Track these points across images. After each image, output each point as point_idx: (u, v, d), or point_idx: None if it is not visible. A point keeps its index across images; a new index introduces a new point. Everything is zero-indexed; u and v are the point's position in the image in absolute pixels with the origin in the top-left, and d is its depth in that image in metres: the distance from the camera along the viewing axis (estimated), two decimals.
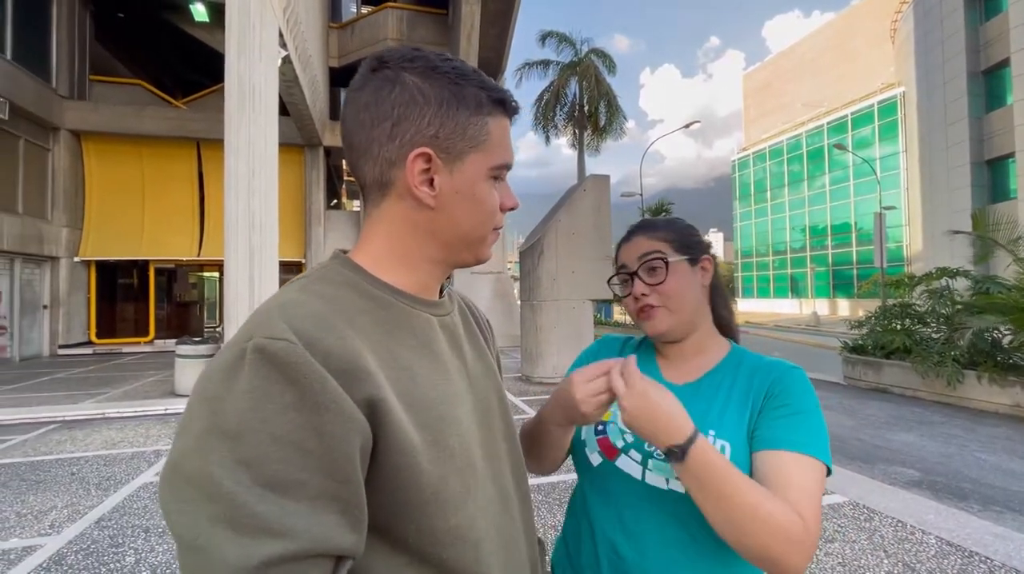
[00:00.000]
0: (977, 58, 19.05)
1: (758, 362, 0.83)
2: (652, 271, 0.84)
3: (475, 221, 0.57)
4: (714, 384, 0.82)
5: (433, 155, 0.53)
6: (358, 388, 0.44)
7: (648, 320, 0.84)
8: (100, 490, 3.61)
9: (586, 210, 8.04)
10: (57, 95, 11.68)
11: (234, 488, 0.38)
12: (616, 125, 20.09)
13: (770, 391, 0.77)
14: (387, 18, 13.40)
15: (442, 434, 0.50)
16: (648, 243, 0.85)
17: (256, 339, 0.42)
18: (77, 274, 12.39)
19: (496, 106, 0.56)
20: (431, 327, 0.57)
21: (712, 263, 0.88)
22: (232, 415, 0.40)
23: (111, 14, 13.16)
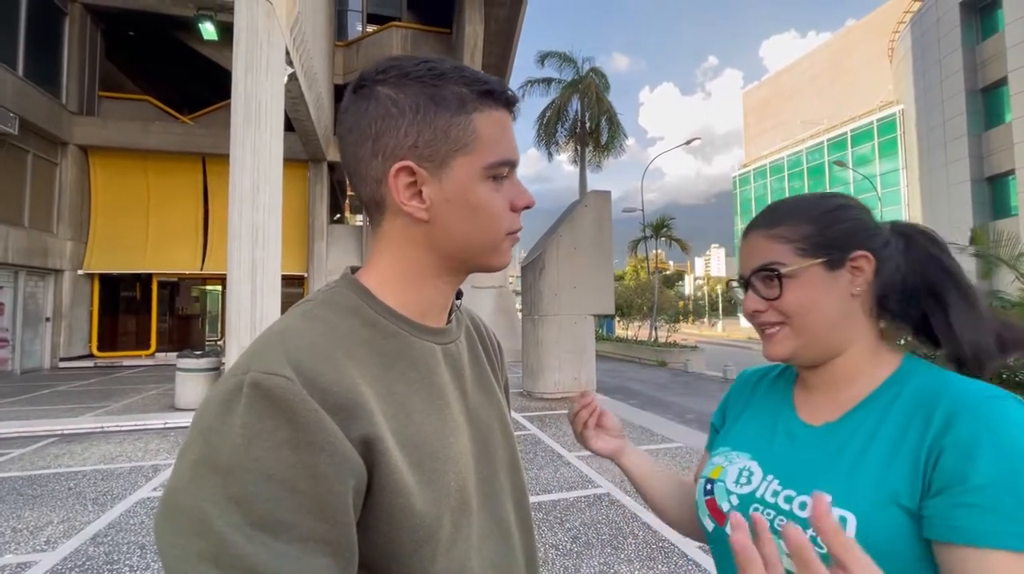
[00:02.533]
0: (975, 76, 19.25)
1: (932, 385, 0.57)
2: (767, 284, 0.64)
3: (476, 228, 0.53)
4: (853, 425, 0.60)
5: (415, 167, 0.50)
6: (355, 426, 0.43)
7: (767, 341, 0.66)
8: (97, 505, 3.58)
9: (587, 225, 8.08)
10: (67, 111, 11.88)
11: (223, 527, 0.37)
12: (617, 142, 20.29)
13: (942, 442, 0.51)
14: (392, 37, 13.66)
15: (436, 473, 0.49)
16: (764, 244, 0.65)
17: (252, 373, 0.41)
18: (80, 287, 12.45)
19: (483, 99, 0.52)
20: (433, 357, 0.55)
21: (872, 260, 0.62)
22: (225, 450, 0.39)
23: (122, 32, 13.45)
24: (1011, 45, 17.26)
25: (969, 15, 19.35)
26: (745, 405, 0.77)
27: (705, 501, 0.69)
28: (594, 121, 19.97)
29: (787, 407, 0.69)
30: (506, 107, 0.54)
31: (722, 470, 0.69)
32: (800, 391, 0.70)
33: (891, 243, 0.64)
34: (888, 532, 0.51)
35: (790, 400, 0.70)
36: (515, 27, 12.76)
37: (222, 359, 6.87)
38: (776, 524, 0.58)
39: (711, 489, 0.68)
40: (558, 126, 20.30)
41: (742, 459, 0.68)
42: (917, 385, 0.58)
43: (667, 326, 18.15)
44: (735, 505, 0.64)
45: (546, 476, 4.24)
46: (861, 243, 0.62)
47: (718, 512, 0.67)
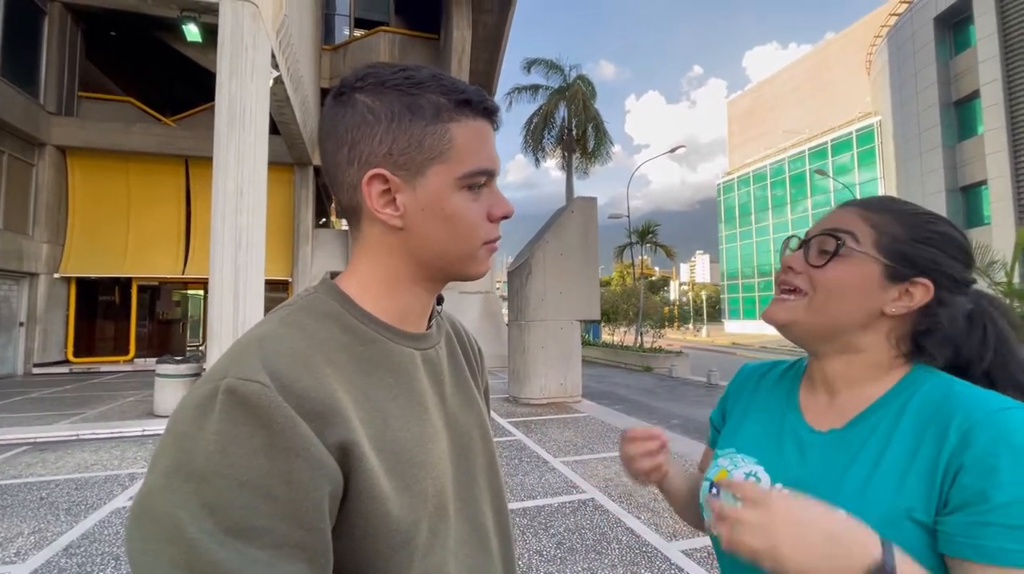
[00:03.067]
0: (949, 89, 19.85)
1: (942, 394, 0.55)
2: (822, 252, 0.62)
3: (452, 237, 0.53)
4: (864, 432, 0.58)
5: (388, 175, 0.50)
6: (331, 432, 0.43)
7: (773, 304, 0.65)
8: (70, 516, 3.48)
9: (574, 231, 8.13)
10: (44, 111, 11.63)
11: (196, 534, 0.37)
12: (603, 149, 20.48)
13: (961, 459, 0.50)
14: (379, 42, 13.64)
15: (414, 479, 0.49)
16: (853, 216, 0.62)
17: (229, 379, 0.41)
18: (56, 291, 12.14)
19: (460, 109, 0.52)
20: (412, 363, 0.55)
21: (930, 293, 0.58)
22: (199, 456, 0.39)
23: (103, 32, 13.22)
24: (982, 60, 17.85)
25: (943, 30, 19.98)
26: (749, 403, 0.75)
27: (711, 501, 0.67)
28: (581, 128, 20.14)
29: (793, 409, 0.67)
30: (485, 117, 0.54)
31: (727, 474, 0.67)
32: (806, 391, 0.68)
33: (962, 299, 0.61)
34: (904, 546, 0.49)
35: (796, 401, 0.68)
36: (503, 33, 12.84)
37: (203, 365, 6.75)
38: None
39: (716, 493, 0.67)
40: (545, 132, 20.43)
41: (748, 463, 0.67)
42: (926, 395, 0.57)
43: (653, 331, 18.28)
44: None
45: (531, 482, 4.23)
46: (932, 275, 0.58)
47: None
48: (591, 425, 6.42)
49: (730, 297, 42.83)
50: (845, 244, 0.60)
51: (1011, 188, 16.92)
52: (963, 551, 0.48)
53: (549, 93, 20.26)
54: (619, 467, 4.67)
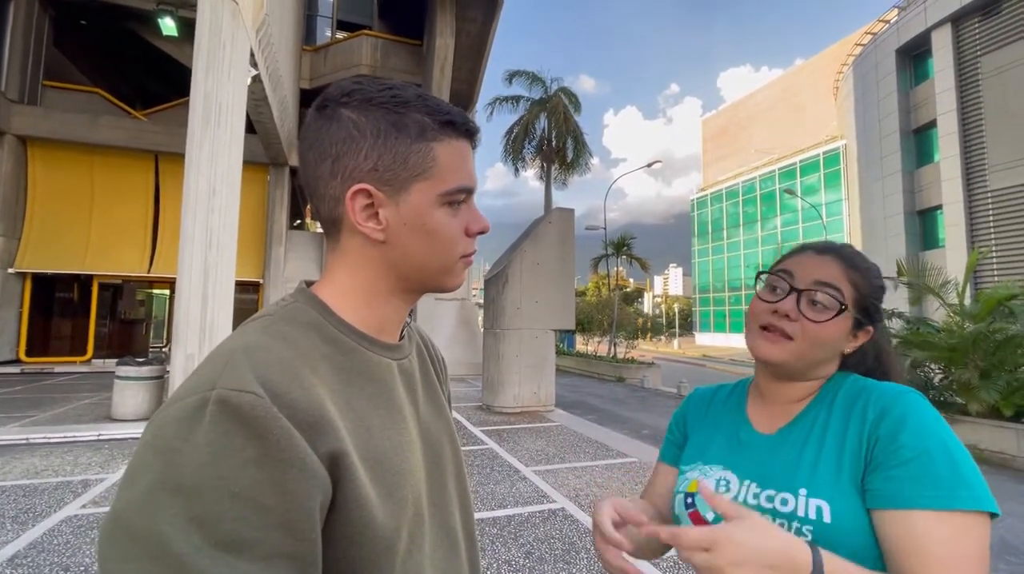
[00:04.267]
0: (908, 118, 20.88)
1: (857, 389, 0.70)
2: (816, 305, 0.71)
3: (431, 252, 0.55)
4: (806, 426, 0.71)
5: (372, 190, 0.52)
6: (322, 442, 0.43)
7: (767, 342, 0.73)
8: (17, 524, 3.31)
9: (551, 241, 8.21)
10: (5, 98, 11.14)
11: (184, 549, 0.36)
12: (582, 161, 20.75)
13: (877, 433, 0.63)
14: (361, 45, 13.57)
15: (396, 486, 0.50)
16: (839, 274, 0.72)
17: (220, 390, 0.40)
18: (10, 287, 11.56)
19: (444, 129, 0.54)
20: (390, 373, 0.56)
21: (869, 336, 0.75)
22: (188, 470, 0.38)
23: (73, 20, 12.78)
24: (939, 91, 18.86)
25: (904, 61, 21.04)
26: (703, 421, 0.85)
27: (688, 514, 0.75)
28: (561, 139, 20.37)
29: (743, 422, 0.79)
30: (466, 137, 0.56)
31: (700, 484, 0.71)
32: (754, 405, 0.80)
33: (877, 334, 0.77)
34: (855, 511, 0.61)
35: (744, 415, 0.80)
36: (486, 42, 12.93)
37: (166, 367, 6.52)
38: None
39: (692, 502, 0.74)
40: (525, 143, 20.59)
41: (716, 471, 0.76)
42: (847, 389, 0.72)
43: (626, 342, 18.50)
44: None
45: (502, 491, 4.23)
46: (874, 322, 0.75)
47: (702, 521, 0.73)
48: (563, 435, 6.45)
49: (702, 310, 43.74)
50: (844, 309, 0.71)
51: (964, 214, 17.85)
52: (878, 501, 0.60)
53: (530, 104, 20.47)
54: (590, 477, 4.70)
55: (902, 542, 0.57)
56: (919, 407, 0.63)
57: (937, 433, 0.61)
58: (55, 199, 11.97)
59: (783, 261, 0.78)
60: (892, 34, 21.21)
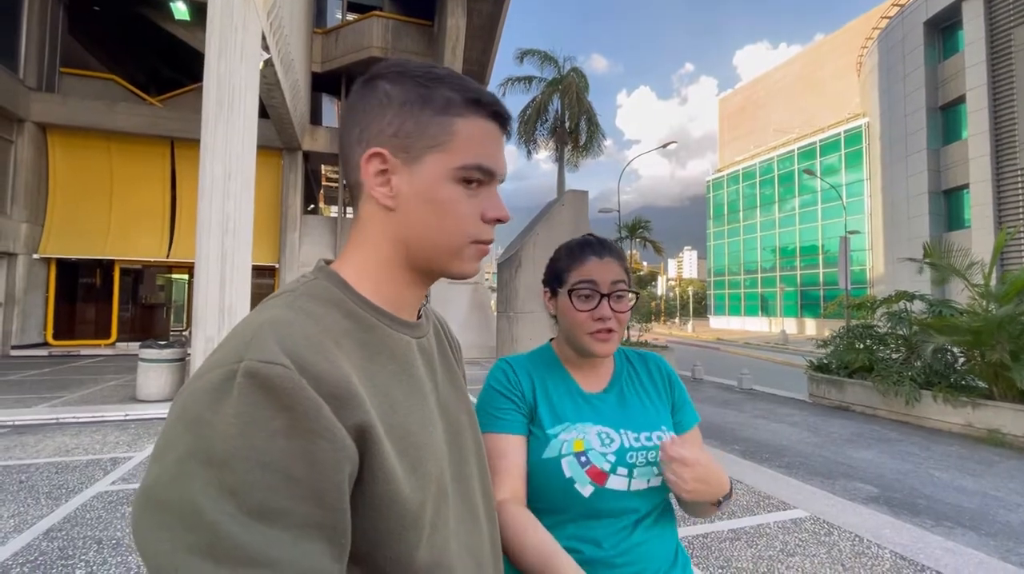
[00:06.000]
0: (936, 94, 20.15)
1: (636, 356, 1.03)
2: (621, 299, 0.92)
3: (439, 226, 0.54)
4: (626, 385, 0.97)
5: (387, 154, 0.52)
6: (348, 414, 0.43)
7: (606, 343, 0.90)
8: (51, 499, 3.45)
9: (564, 224, 8.15)
10: (24, 86, 11.30)
11: (217, 517, 0.36)
12: (595, 142, 20.44)
13: (671, 382, 1.00)
14: (372, 26, 13.43)
15: (420, 461, 0.50)
16: (620, 271, 0.92)
17: (248, 362, 0.41)
18: (36, 272, 11.88)
19: (469, 106, 0.54)
20: (410, 350, 0.56)
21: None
22: (219, 441, 0.38)
23: (86, 7, 12.84)
24: (969, 65, 18.13)
25: (932, 34, 20.22)
26: (538, 386, 0.95)
27: (586, 471, 0.85)
28: (574, 121, 20.06)
29: (572, 383, 0.95)
30: (494, 120, 0.56)
31: (583, 441, 0.87)
32: (571, 370, 0.97)
33: None
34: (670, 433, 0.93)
35: (570, 378, 0.96)
36: (498, 22, 12.72)
37: (187, 350, 6.67)
38: (648, 458, 0.87)
39: (587, 459, 0.86)
40: (538, 124, 20.33)
41: (590, 427, 0.89)
42: (632, 357, 1.03)
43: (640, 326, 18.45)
44: (614, 461, 0.86)
45: None
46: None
47: (600, 474, 0.85)
48: None
49: (716, 293, 43.29)
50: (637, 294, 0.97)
51: (992, 193, 17.29)
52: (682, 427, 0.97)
53: (543, 84, 20.13)
54: None
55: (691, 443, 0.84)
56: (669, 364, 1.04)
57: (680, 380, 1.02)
58: (75, 186, 12.20)
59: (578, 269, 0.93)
60: (920, 5, 20.37)
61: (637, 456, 0.86)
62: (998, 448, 5.63)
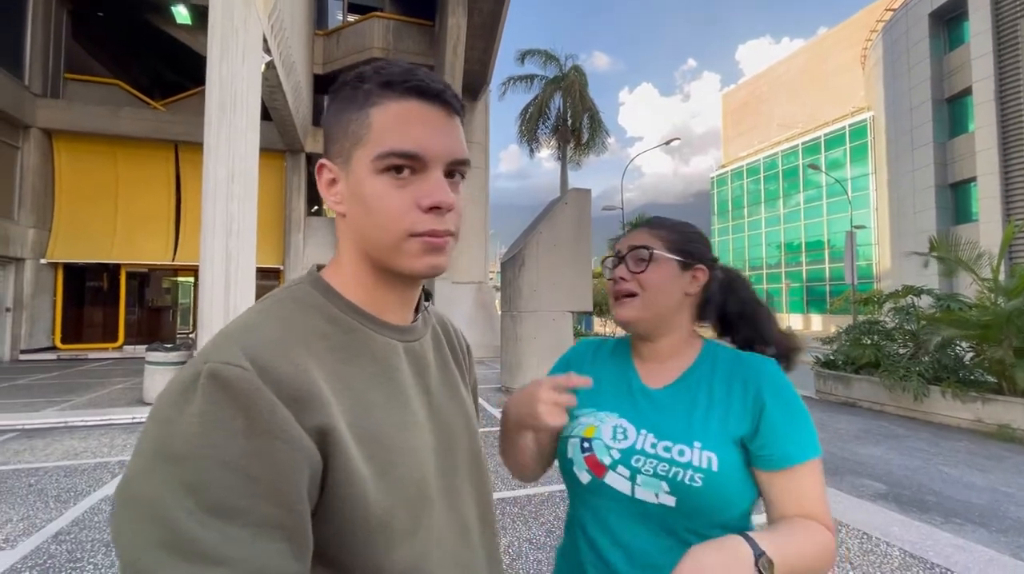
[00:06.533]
0: (941, 86, 19.95)
1: (733, 359, 0.83)
2: (638, 260, 0.85)
3: (373, 224, 0.51)
4: (691, 387, 0.81)
5: (328, 163, 0.55)
6: (309, 416, 0.44)
7: (619, 307, 0.85)
8: (59, 502, 3.47)
9: (567, 223, 8.13)
10: (29, 92, 11.38)
11: (177, 513, 0.38)
12: (598, 140, 20.39)
13: (760, 398, 0.76)
14: (373, 27, 13.44)
15: (392, 465, 0.50)
16: (645, 236, 0.87)
17: (211, 364, 0.42)
18: (43, 276, 11.97)
19: (382, 90, 0.51)
20: (394, 354, 0.56)
21: (707, 275, 0.87)
22: (180, 439, 0.40)
23: (90, 12, 12.91)
24: (975, 56, 17.94)
25: (937, 26, 20.02)
26: (591, 369, 0.91)
27: (584, 458, 0.81)
28: (576, 118, 20.02)
29: (633, 374, 0.88)
30: (415, 96, 0.51)
31: (596, 429, 0.82)
32: (637, 362, 0.89)
33: (717, 275, 0.89)
34: (734, 463, 0.74)
35: (633, 369, 0.89)
36: (499, 20, 12.69)
37: (193, 352, 6.71)
38: (658, 470, 0.75)
39: (589, 446, 0.81)
40: (540, 123, 20.29)
41: (612, 418, 0.83)
42: (725, 360, 0.83)
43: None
44: (617, 458, 0.79)
45: None
46: (702, 260, 0.87)
47: (598, 465, 0.80)
48: None
49: None
50: (652, 253, 0.84)
51: (999, 185, 17.11)
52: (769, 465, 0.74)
53: (544, 83, 20.09)
54: None
55: (788, 489, 0.73)
56: (783, 379, 0.79)
57: (797, 401, 0.77)
58: (81, 190, 12.28)
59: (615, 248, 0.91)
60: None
61: (645, 463, 0.77)
62: (1008, 443, 5.58)
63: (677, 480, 0.73)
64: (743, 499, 0.75)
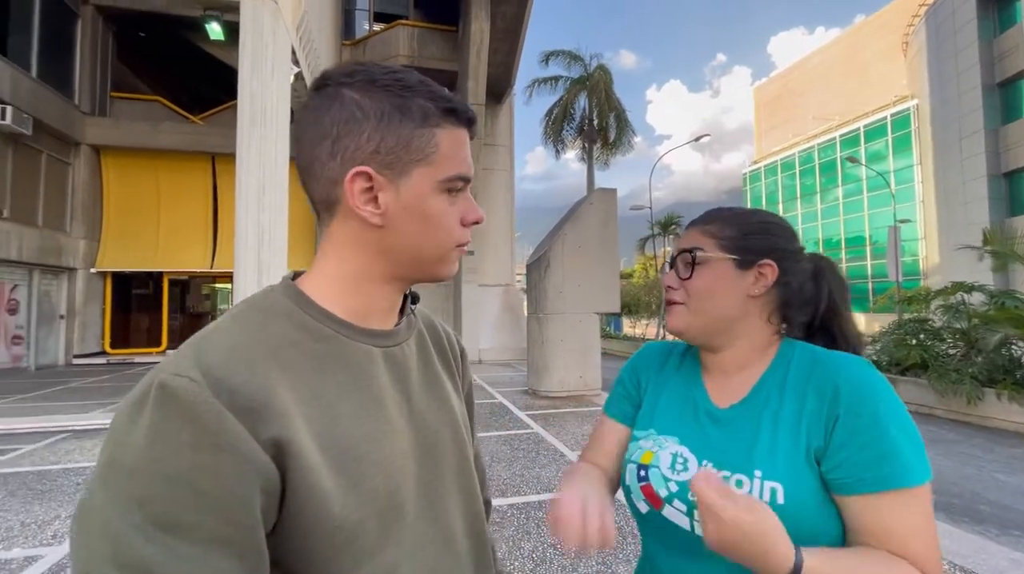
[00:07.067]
0: (992, 70, 18.87)
1: (809, 361, 0.70)
2: (685, 265, 0.76)
3: (429, 238, 0.54)
4: (759, 404, 0.70)
5: (373, 173, 0.51)
6: (265, 428, 0.43)
7: (668, 316, 0.77)
8: None
9: (593, 223, 8.04)
10: (79, 111, 12.04)
11: (122, 527, 0.38)
12: (625, 139, 20.16)
13: (836, 410, 0.63)
14: (398, 35, 13.66)
15: (362, 477, 0.48)
16: (695, 235, 0.77)
17: (161, 375, 0.42)
18: (93, 285, 12.64)
19: (446, 116, 0.54)
20: (370, 360, 0.54)
21: (775, 271, 0.73)
22: (131, 452, 0.40)
23: (133, 33, 13.59)
24: None
25: (986, 7, 18.97)
26: (658, 384, 0.84)
27: (640, 487, 0.74)
28: (603, 118, 19.86)
29: (700, 391, 0.77)
30: (467, 126, 0.56)
31: (653, 455, 0.74)
32: (706, 375, 0.79)
33: (802, 267, 0.76)
34: (806, 492, 0.63)
35: (701, 384, 0.78)
36: (522, 24, 12.71)
37: None
38: None
39: (645, 475, 0.73)
40: (565, 124, 20.20)
41: (671, 444, 0.74)
42: (800, 363, 0.71)
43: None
44: (674, 491, 0.70)
45: (548, 475, 4.23)
46: (769, 254, 0.73)
47: (655, 497, 0.72)
48: None
49: None
50: (696, 257, 0.74)
51: None
52: (844, 489, 0.62)
53: (569, 84, 20.00)
54: None
55: (869, 520, 0.60)
56: (870, 382, 0.64)
57: (889, 409, 0.62)
58: (126, 202, 12.93)
59: None
60: None
61: None
62: None
63: None
64: (823, 534, 0.63)
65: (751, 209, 0.79)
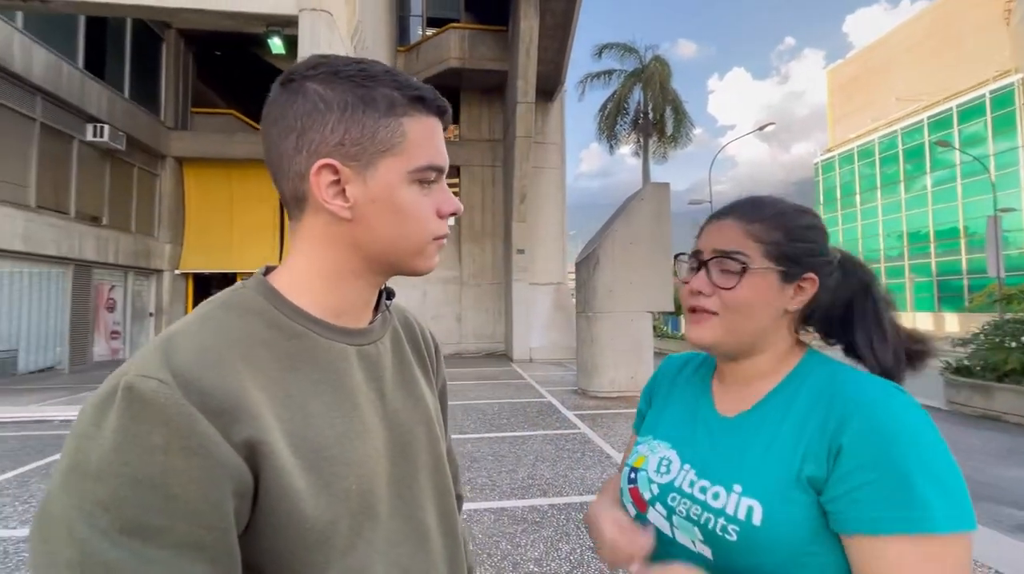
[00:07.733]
0: None
1: (826, 377, 0.62)
2: (726, 272, 0.65)
3: (402, 231, 0.53)
4: (761, 418, 0.64)
5: (339, 165, 0.50)
6: (236, 430, 0.42)
7: (695, 325, 0.67)
8: None
9: (645, 219, 7.79)
10: (164, 127, 13.24)
11: (87, 533, 0.37)
12: (683, 131, 19.43)
13: (840, 439, 0.55)
14: (450, 38, 13.90)
15: (334, 477, 0.48)
16: (737, 234, 0.66)
17: (128, 377, 0.41)
18: (177, 285, 13.85)
19: (413, 105, 0.52)
20: (343, 358, 0.53)
21: (816, 285, 0.65)
22: (95, 455, 0.38)
23: (209, 53, 14.74)
24: None
25: None
26: (669, 392, 0.80)
27: (629, 489, 0.72)
28: (658, 111, 19.23)
29: (706, 399, 0.73)
30: (437, 115, 0.55)
31: (645, 459, 0.72)
32: (717, 384, 0.73)
33: (834, 272, 0.68)
34: (790, 519, 0.56)
35: (709, 392, 0.73)
36: (571, 20, 12.55)
37: None
38: (691, 514, 0.63)
39: (635, 478, 0.72)
40: (618, 118, 19.74)
41: (663, 448, 0.72)
42: (815, 381, 0.63)
43: None
44: (655, 494, 0.68)
45: (592, 477, 4.13)
46: (813, 266, 0.66)
47: (640, 500, 0.70)
48: None
49: None
50: (747, 267, 0.63)
51: None
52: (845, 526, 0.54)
53: (623, 77, 19.51)
54: None
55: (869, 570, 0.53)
56: (888, 412, 0.55)
57: (909, 443, 0.53)
58: (204, 209, 14.09)
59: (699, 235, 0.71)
60: None
61: (680, 502, 0.64)
62: None
63: (708, 528, 0.60)
64: (814, 568, 0.56)
65: (794, 205, 0.69)
